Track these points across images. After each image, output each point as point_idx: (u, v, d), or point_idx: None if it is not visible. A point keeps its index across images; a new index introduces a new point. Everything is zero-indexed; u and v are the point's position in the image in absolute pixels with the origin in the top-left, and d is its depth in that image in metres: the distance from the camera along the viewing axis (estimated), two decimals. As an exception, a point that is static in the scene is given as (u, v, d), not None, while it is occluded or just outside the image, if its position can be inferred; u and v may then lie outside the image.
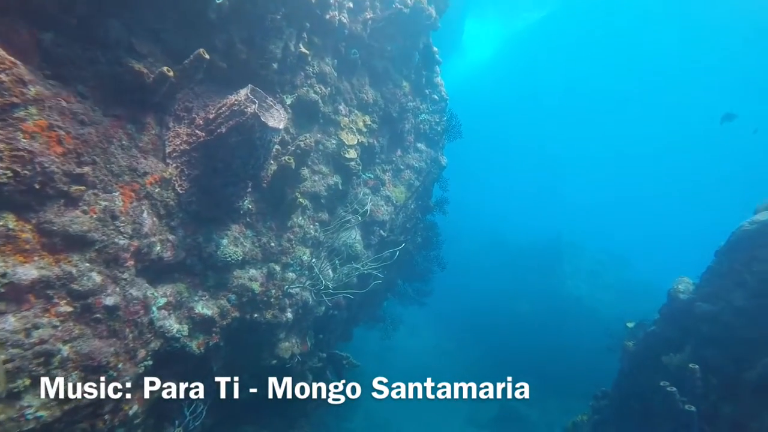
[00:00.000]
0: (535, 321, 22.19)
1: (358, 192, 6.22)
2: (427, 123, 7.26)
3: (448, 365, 24.70)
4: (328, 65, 5.20)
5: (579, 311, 21.01)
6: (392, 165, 6.79)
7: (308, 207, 5.33)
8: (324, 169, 5.47)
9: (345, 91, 5.60)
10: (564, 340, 20.66)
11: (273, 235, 4.89)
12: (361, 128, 5.83)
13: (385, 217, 6.49)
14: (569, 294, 21.31)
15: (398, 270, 8.31)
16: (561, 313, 21.28)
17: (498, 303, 24.66)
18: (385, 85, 6.31)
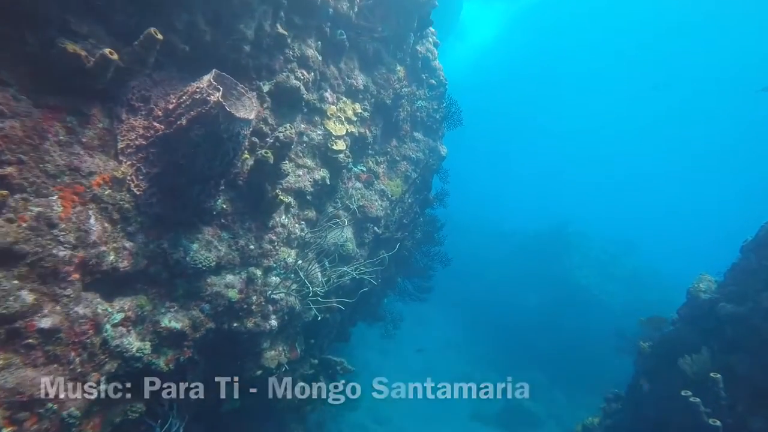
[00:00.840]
0: (543, 312, 21.77)
1: (348, 187, 5.76)
2: (425, 110, 6.75)
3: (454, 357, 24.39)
4: (310, 48, 4.70)
5: (587, 302, 20.56)
6: (387, 156, 6.30)
7: (292, 205, 4.88)
8: (309, 163, 5.00)
9: (331, 76, 5.11)
10: (571, 332, 20.24)
11: (252, 237, 4.45)
12: (351, 117, 5.34)
13: (379, 213, 6.03)
14: (577, 285, 20.84)
15: (397, 267, 7.87)
16: (568, 304, 20.83)
17: (505, 294, 24.26)
18: (377, 70, 5.80)
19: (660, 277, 22.31)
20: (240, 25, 3.61)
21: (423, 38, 6.57)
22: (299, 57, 4.58)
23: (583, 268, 21.50)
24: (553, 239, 23.75)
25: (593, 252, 22.37)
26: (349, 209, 5.76)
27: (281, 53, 4.43)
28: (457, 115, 6.96)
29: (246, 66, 4.12)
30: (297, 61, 4.57)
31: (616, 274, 21.48)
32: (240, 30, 3.66)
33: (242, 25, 3.68)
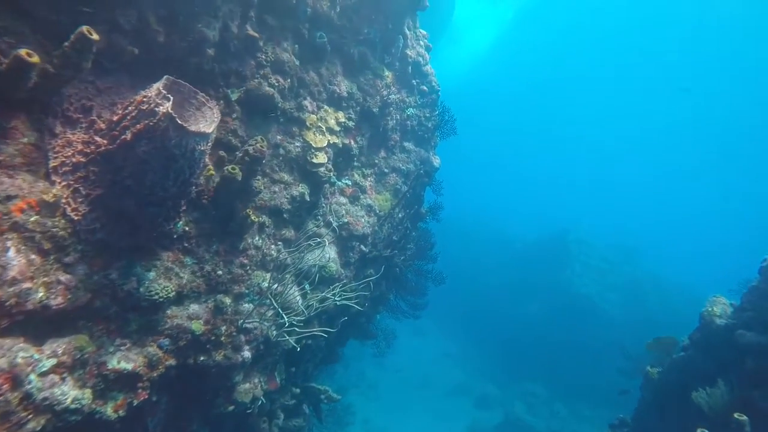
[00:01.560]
0: (542, 322, 21.30)
1: (331, 202, 5.31)
2: (416, 118, 6.32)
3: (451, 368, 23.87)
4: (286, 51, 4.27)
5: (587, 312, 20.10)
6: (374, 168, 5.87)
7: (267, 224, 4.43)
8: (286, 178, 4.56)
9: (311, 82, 4.68)
10: (572, 343, 19.75)
11: (221, 261, 4.00)
12: (333, 127, 4.91)
13: (366, 230, 5.58)
14: (577, 294, 20.38)
15: (389, 284, 7.41)
16: (569, 314, 20.37)
17: (504, 302, 23.80)
18: (363, 76, 5.37)
19: (661, 285, 21.88)
20: (198, 25, 3.18)
21: (413, 41, 6.15)
22: (273, 62, 4.14)
23: (583, 276, 21.04)
24: (554, 247, 23.30)
25: (593, 260, 21.91)
26: (331, 226, 5.31)
27: (252, 57, 4.00)
28: (450, 123, 6.53)
29: (211, 72, 3.69)
30: (271, 66, 4.14)
31: (617, 282, 21.04)
32: (199, 31, 3.22)
33: (202, 25, 3.24)
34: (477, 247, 28.30)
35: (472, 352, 24.54)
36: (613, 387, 18.79)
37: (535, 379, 20.43)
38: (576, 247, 22.47)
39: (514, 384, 20.93)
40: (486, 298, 24.95)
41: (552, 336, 20.59)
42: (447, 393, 21.26)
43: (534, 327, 21.57)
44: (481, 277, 25.92)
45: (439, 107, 6.67)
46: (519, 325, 22.19)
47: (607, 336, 19.39)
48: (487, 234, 28.77)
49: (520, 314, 22.47)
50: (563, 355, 19.93)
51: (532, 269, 23.25)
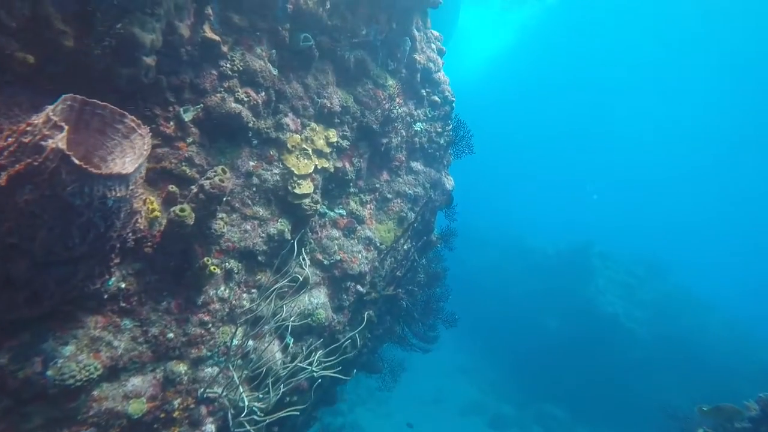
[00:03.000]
0: (563, 340, 20.06)
1: (321, 237, 4.45)
2: (425, 134, 5.42)
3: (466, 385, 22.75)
4: (260, 58, 3.43)
5: (612, 331, 18.78)
6: (375, 194, 4.98)
7: (236, 270, 3.59)
8: (262, 213, 3.71)
9: (294, 95, 3.82)
10: (595, 363, 18.48)
11: (173, 321, 3.17)
12: (323, 148, 4.05)
13: (363, 267, 4.70)
14: (602, 312, 19.07)
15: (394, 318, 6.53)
16: (592, 332, 19.09)
17: (522, 316, 22.60)
18: (361, 85, 4.50)
19: (694, 302, 20.40)
20: (118, 26, 2.34)
21: (423, 44, 5.25)
22: (242, 71, 3.30)
23: (607, 293, 19.72)
24: (576, 260, 22.00)
25: (619, 275, 20.56)
26: (323, 266, 4.45)
27: (213, 66, 3.16)
28: (466, 140, 5.62)
29: (155, 85, 2.86)
30: (239, 77, 3.30)
31: (645, 299, 19.65)
32: (124, 33, 2.39)
33: (128, 24, 2.40)
34: (494, 255, 27.12)
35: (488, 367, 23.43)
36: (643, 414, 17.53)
37: (554, 400, 19.23)
38: (599, 261, 21.15)
39: (531, 404, 19.75)
40: (503, 310, 23.79)
41: (573, 354, 19.35)
42: (460, 411, 20.21)
43: (554, 344, 20.36)
44: (498, 288, 24.75)
45: (453, 121, 5.76)
46: (538, 342, 21.00)
47: (634, 357, 18.10)
48: (505, 242, 27.56)
49: (539, 330, 21.27)
50: (585, 375, 18.68)
51: (552, 283, 22.01)
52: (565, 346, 19.81)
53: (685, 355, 17.79)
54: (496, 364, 22.66)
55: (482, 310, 25.00)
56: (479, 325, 24.53)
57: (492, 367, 22.84)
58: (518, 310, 23.04)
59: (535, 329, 21.50)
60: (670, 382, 17.62)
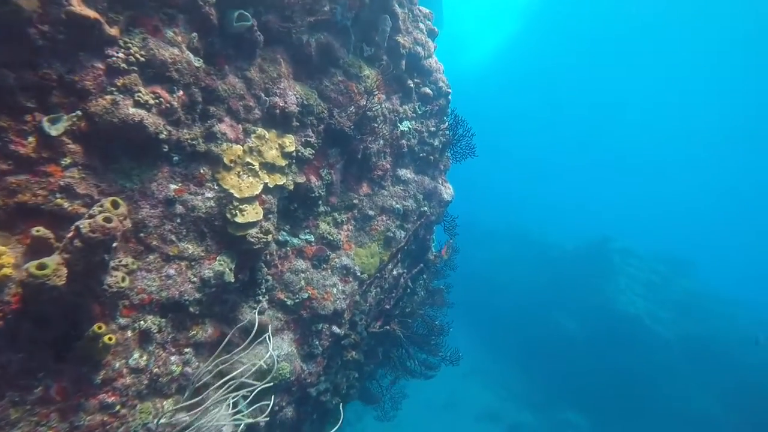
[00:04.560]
0: (583, 342, 18.99)
1: (282, 271, 3.54)
2: (414, 135, 4.45)
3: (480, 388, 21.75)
4: (173, 46, 2.52)
5: (635, 332, 17.61)
6: (353, 212, 4.05)
7: (156, 328, 2.70)
8: (192, 250, 2.82)
9: (231, 94, 2.90)
10: (618, 367, 17.36)
11: (54, 413, 2.30)
12: (276, 161, 3.13)
13: (339, 303, 3.78)
14: (623, 312, 17.90)
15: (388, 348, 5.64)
16: (613, 334, 17.95)
17: (539, 316, 21.56)
18: (327, 77, 3.55)
19: (722, 300, 19.09)
20: None
21: (408, 23, 4.28)
22: (145, 63, 2.39)
23: (629, 292, 18.53)
24: (594, 257, 20.81)
25: (642, 273, 19.32)
26: (286, 307, 3.55)
27: (98, 58, 2.26)
28: (467, 139, 4.65)
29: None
30: (140, 72, 2.39)
31: (670, 299, 18.41)
32: None
33: None
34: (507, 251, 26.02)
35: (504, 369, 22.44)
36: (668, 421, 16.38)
37: (575, 407, 18.20)
38: (620, 258, 19.92)
39: (550, 411, 18.76)
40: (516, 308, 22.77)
41: (593, 357, 18.26)
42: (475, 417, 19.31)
43: (573, 347, 19.28)
44: (513, 284, 23.71)
45: (450, 117, 4.79)
46: (556, 344, 19.94)
47: (659, 360, 16.94)
48: (516, 236, 26.43)
49: (557, 331, 20.20)
50: (608, 381, 17.59)
51: (569, 281, 20.87)
52: (585, 348, 18.74)
53: (713, 358, 16.59)
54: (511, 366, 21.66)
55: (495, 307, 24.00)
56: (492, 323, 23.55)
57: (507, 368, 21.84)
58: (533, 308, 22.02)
59: (552, 329, 20.46)
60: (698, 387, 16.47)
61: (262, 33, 3.03)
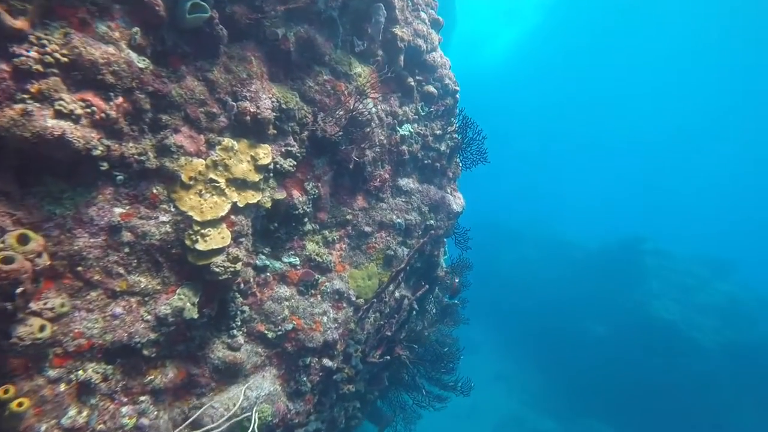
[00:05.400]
0: (612, 348, 18.00)
1: (261, 300, 3.09)
2: (417, 140, 3.93)
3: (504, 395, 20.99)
4: (107, 43, 2.09)
5: (670, 339, 16.53)
6: (347, 228, 3.57)
7: (98, 378, 2.29)
8: (145, 284, 2.40)
9: (189, 100, 2.46)
10: (650, 376, 16.35)
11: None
12: (247, 175, 2.68)
13: (331, 333, 3.32)
14: (657, 317, 16.85)
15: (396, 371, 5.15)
16: (645, 340, 16.92)
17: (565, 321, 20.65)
18: (312, 77, 3.08)
19: (767, 304, 17.76)
20: None
21: (408, 12, 3.76)
22: (68, 65, 1.97)
23: (662, 297, 17.43)
24: (624, 258, 19.72)
25: (676, 276, 18.16)
26: (266, 341, 3.10)
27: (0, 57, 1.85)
28: (477, 143, 4.11)
29: None
30: (63, 75, 1.97)
31: (708, 303, 17.22)
32: None
33: None
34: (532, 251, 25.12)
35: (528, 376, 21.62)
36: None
37: (601, 416, 17.28)
38: (652, 260, 18.78)
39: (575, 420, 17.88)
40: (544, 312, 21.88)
41: (624, 365, 17.27)
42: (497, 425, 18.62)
43: (601, 353, 18.32)
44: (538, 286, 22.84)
45: (459, 119, 4.24)
46: (583, 350, 19.00)
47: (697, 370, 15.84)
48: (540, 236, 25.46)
49: (584, 336, 19.26)
50: (638, 390, 16.60)
51: (597, 283, 19.87)
52: (614, 354, 17.76)
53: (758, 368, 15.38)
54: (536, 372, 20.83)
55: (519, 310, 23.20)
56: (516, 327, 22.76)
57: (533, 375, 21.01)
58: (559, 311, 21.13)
59: (579, 335, 19.52)
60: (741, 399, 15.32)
61: (228, 26, 2.58)
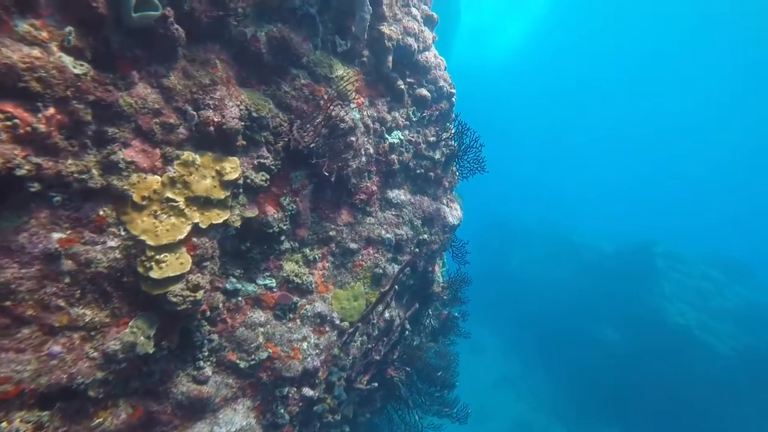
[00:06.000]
0: (624, 353, 17.53)
1: (234, 326, 2.82)
2: (409, 147, 3.62)
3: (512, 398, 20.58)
4: (31, 46, 1.82)
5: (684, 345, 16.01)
6: (330, 246, 3.28)
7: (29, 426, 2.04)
8: (90, 317, 2.14)
9: (140, 109, 2.18)
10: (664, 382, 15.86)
11: None
12: (211, 192, 2.40)
13: (311, 361, 3.04)
14: (671, 322, 16.32)
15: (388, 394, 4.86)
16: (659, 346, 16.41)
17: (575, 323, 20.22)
18: (287, 81, 2.79)
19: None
20: None
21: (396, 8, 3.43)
22: (-13, 72, 1.70)
23: (676, 300, 16.88)
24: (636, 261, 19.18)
25: (690, 280, 17.58)
26: (239, 371, 2.83)
27: None
28: (474, 151, 3.78)
29: None
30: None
31: (725, 308, 16.64)
32: None
33: None
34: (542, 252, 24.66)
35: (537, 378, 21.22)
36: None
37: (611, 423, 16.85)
38: (665, 262, 18.21)
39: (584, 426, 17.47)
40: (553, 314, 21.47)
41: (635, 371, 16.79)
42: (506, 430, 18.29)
43: (612, 358, 17.86)
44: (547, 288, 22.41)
45: (455, 124, 3.92)
46: (594, 354, 18.56)
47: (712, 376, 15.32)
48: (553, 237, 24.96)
49: (595, 340, 18.80)
50: (651, 397, 16.13)
51: (609, 287, 19.36)
52: (625, 360, 17.28)
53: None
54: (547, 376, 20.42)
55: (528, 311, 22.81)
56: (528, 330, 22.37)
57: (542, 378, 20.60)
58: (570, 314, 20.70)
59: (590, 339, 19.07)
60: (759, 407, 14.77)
61: (188, 26, 2.30)
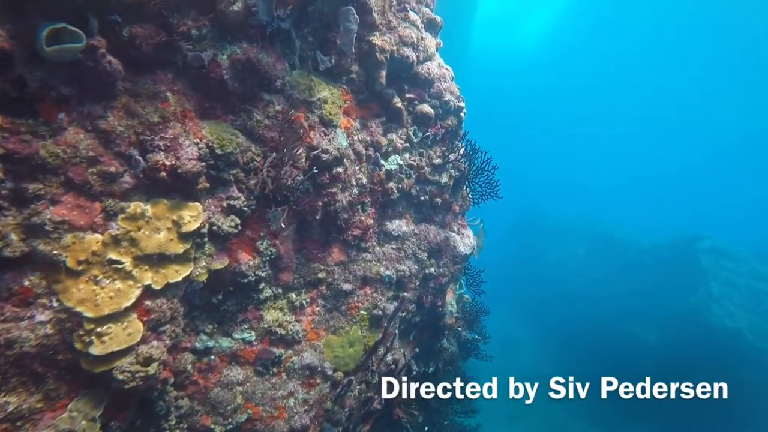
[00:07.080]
0: (665, 357, 16.49)
1: (207, 387, 2.49)
2: (409, 173, 3.17)
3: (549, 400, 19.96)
4: None
5: (733, 350, 14.84)
6: (320, 288, 2.90)
7: None
8: (14, 404, 1.84)
9: (71, 160, 1.85)
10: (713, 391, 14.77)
11: None
12: (167, 247, 2.06)
13: (298, 420, 2.69)
14: (718, 325, 15.18)
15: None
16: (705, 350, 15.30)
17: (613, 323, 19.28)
18: (259, 109, 2.40)
19: None
20: None
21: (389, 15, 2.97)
22: None
23: (724, 301, 15.67)
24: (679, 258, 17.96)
25: (741, 279, 16.27)
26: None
27: None
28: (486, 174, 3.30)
29: None
30: None
31: (782, 310, 15.32)
32: None
33: None
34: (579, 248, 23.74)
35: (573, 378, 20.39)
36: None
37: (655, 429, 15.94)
38: (711, 260, 16.93)
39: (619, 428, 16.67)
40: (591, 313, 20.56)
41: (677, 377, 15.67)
42: (540, 431, 17.71)
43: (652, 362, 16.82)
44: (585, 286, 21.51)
45: (464, 143, 3.43)
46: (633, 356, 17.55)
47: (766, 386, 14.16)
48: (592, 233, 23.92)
49: (635, 342, 17.82)
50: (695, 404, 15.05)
51: (649, 285, 18.26)
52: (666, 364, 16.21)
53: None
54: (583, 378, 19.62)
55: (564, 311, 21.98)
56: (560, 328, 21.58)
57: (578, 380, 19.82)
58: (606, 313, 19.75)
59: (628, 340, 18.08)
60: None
61: (130, 55, 1.94)
